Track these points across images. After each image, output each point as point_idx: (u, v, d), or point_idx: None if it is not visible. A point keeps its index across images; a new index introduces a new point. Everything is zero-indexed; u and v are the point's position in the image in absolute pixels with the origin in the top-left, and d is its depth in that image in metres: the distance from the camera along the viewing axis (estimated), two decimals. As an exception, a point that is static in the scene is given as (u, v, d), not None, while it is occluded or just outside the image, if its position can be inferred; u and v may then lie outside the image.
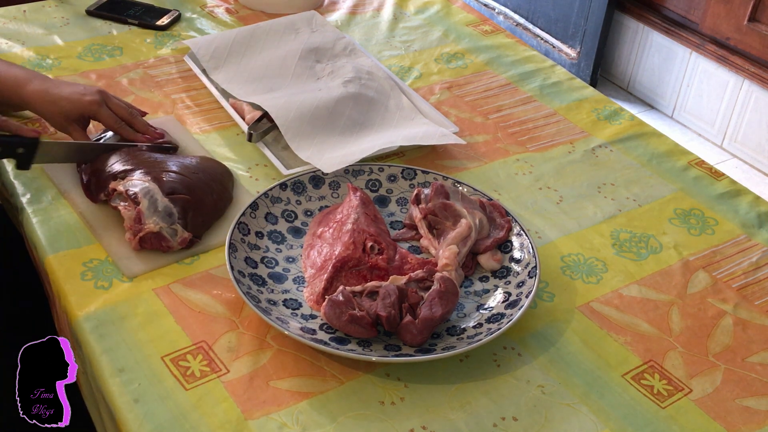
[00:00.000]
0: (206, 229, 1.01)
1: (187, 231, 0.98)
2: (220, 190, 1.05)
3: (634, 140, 1.28)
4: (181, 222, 0.97)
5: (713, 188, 1.19)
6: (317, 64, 1.34)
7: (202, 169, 1.06)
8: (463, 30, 1.56)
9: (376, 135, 1.19)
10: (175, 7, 1.53)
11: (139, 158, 1.04)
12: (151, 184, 0.98)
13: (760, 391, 0.88)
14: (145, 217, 0.95)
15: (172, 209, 0.97)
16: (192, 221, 0.98)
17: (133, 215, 0.96)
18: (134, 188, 0.97)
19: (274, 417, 0.80)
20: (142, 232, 0.95)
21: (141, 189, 0.97)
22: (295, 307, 0.92)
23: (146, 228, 0.95)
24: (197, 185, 1.02)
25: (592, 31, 2.79)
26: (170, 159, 1.06)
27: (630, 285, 1.00)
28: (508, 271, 0.97)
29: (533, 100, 1.36)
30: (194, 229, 0.99)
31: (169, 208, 0.97)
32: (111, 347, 0.86)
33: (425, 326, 0.86)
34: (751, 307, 0.99)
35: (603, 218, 1.11)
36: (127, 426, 0.79)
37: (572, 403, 0.85)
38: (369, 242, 0.96)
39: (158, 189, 0.98)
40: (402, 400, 0.83)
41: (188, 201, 0.99)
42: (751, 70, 2.46)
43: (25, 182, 1.07)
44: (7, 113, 1.13)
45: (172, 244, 0.97)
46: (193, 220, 0.99)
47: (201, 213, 1.00)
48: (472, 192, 1.06)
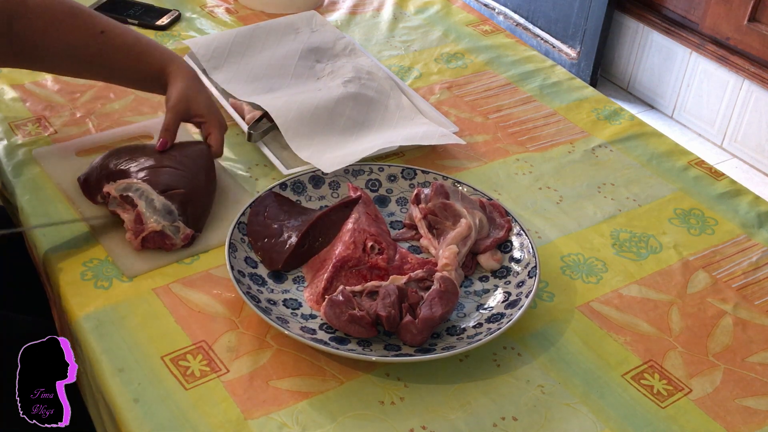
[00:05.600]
0: (206, 219, 1.02)
1: (189, 227, 0.98)
2: (208, 170, 1.05)
3: (634, 140, 1.28)
4: (182, 218, 0.97)
5: (713, 188, 1.19)
6: (317, 64, 1.34)
7: (185, 155, 1.05)
8: (463, 30, 1.56)
9: (376, 135, 1.19)
10: (175, 7, 1.53)
11: (125, 157, 1.04)
12: (143, 185, 0.98)
13: (760, 391, 0.88)
14: (146, 217, 0.95)
15: (171, 206, 0.97)
16: (192, 214, 0.99)
17: (133, 217, 0.96)
18: (126, 191, 0.97)
19: (274, 417, 0.80)
20: (144, 232, 0.95)
21: (134, 191, 0.97)
22: (295, 307, 0.92)
23: (149, 227, 0.95)
24: (188, 175, 1.02)
25: (592, 31, 2.79)
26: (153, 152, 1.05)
27: (630, 285, 1.00)
28: (508, 271, 0.97)
29: (533, 100, 1.36)
30: (195, 222, 0.99)
31: (168, 206, 0.97)
32: (111, 347, 0.86)
33: (425, 326, 0.86)
34: (751, 307, 0.99)
35: (603, 218, 1.11)
36: (127, 426, 0.79)
37: (572, 403, 0.85)
38: (369, 242, 0.96)
39: (151, 188, 0.97)
40: (402, 400, 0.83)
41: (185, 195, 0.99)
42: (751, 70, 2.46)
43: (25, 182, 1.07)
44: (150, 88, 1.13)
45: (176, 241, 0.97)
46: (193, 212, 0.99)
47: (199, 204, 1.01)
48: (472, 192, 1.06)
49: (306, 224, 0.98)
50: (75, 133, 1.18)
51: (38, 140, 1.15)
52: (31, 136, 1.16)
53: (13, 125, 1.18)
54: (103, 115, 1.21)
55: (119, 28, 1.08)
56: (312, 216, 1.00)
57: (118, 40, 1.07)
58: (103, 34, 1.06)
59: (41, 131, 1.17)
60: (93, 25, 1.06)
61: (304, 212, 1.03)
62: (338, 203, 1.01)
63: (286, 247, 0.96)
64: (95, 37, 1.06)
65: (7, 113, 1.20)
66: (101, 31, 1.06)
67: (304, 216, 1.01)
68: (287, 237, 0.98)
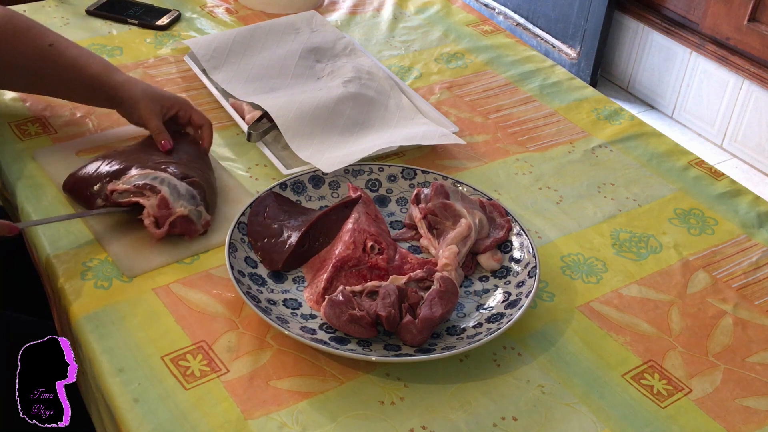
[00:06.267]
0: (215, 208, 1.03)
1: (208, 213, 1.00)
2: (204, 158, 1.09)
3: (634, 140, 1.28)
4: (203, 204, 0.99)
5: (713, 188, 1.19)
6: (317, 64, 1.34)
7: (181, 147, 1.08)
8: (463, 30, 1.56)
9: (376, 135, 1.19)
10: (175, 7, 1.53)
11: (121, 158, 1.04)
12: (162, 173, 0.99)
13: (760, 391, 0.88)
14: (172, 202, 0.96)
15: (194, 192, 0.99)
16: (210, 201, 1.01)
17: (156, 202, 0.96)
18: (143, 180, 0.98)
19: (274, 417, 0.80)
20: (172, 216, 0.96)
21: (152, 179, 0.98)
22: (295, 307, 0.92)
23: (177, 212, 0.96)
24: (195, 164, 1.04)
25: (592, 31, 2.79)
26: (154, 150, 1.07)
27: (630, 285, 1.00)
28: (508, 271, 0.97)
29: (533, 100, 1.36)
30: (209, 210, 1.01)
31: (191, 191, 0.99)
32: (111, 347, 0.86)
33: (425, 326, 0.86)
34: (751, 307, 0.99)
35: (603, 218, 1.11)
36: (127, 426, 0.79)
37: (572, 403, 0.85)
38: (369, 242, 0.96)
39: (171, 176, 0.98)
40: (402, 399, 0.83)
41: (199, 183, 1.01)
42: (751, 70, 2.46)
43: (25, 182, 1.07)
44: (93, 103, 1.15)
45: (198, 227, 0.98)
46: (210, 199, 1.02)
47: (211, 191, 1.03)
48: (472, 192, 1.06)
49: (306, 224, 0.98)
50: (75, 133, 1.18)
51: (38, 140, 1.15)
52: (31, 136, 1.16)
53: (14, 125, 1.18)
54: (103, 115, 1.21)
55: (67, 41, 1.11)
56: (312, 216, 1.00)
57: (65, 52, 1.09)
58: (51, 47, 1.09)
59: (41, 131, 1.17)
60: (43, 38, 1.09)
61: (304, 212, 1.03)
62: (338, 203, 1.01)
63: (286, 247, 0.96)
64: (44, 49, 1.08)
65: (8, 113, 1.20)
66: (50, 44, 1.09)
67: (304, 216, 1.01)
68: (287, 237, 0.98)
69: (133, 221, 0.99)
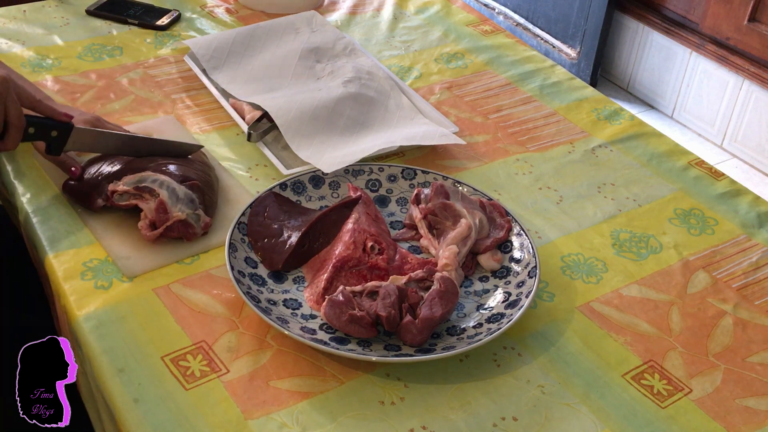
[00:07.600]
0: (215, 209, 1.03)
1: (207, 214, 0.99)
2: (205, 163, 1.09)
3: (634, 140, 1.28)
4: (202, 207, 0.99)
5: (713, 188, 1.19)
6: (317, 64, 1.34)
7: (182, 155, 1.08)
8: (463, 30, 1.56)
9: (376, 135, 1.19)
10: (175, 7, 1.53)
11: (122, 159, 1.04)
12: (161, 176, 0.99)
13: (760, 391, 0.88)
14: (170, 206, 0.96)
15: (192, 195, 0.99)
16: (208, 203, 1.01)
17: (154, 206, 0.96)
18: (142, 182, 0.98)
19: (274, 417, 0.80)
20: (169, 221, 0.95)
21: (151, 182, 0.98)
22: (295, 307, 0.92)
23: (174, 216, 0.95)
24: (194, 168, 1.04)
25: (592, 31, 2.79)
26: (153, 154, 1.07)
27: (630, 285, 1.00)
28: (508, 271, 0.97)
29: (533, 100, 1.36)
30: (208, 212, 1.01)
31: (189, 195, 0.98)
32: (111, 347, 0.86)
33: (425, 326, 0.86)
34: (751, 307, 0.99)
35: (603, 218, 1.11)
36: (127, 426, 0.79)
37: (572, 403, 0.85)
38: (369, 242, 0.96)
39: (170, 179, 0.98)
40: (402, 400, 0.83)
41: (199, 186, 1.01)
42: (751, 70, 2.46)
43: (25, 182, 1.07)
44: None
45: (197, 230, 0.98)
46: (209, 201, 1.01)
47: (211, 192, 1.03)
48: (472, 192, 1.06)
49: (306, 224, 0.98)
50: (75, 133, 1.17)
51: (38, 140, 1.15)
52: (31, 136, 1.16)
53: (13, 125, 1.18)
54: (103, 115, 1.21)
55: None
56: (312, 216, 1.00)
57: None
58: None
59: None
60: None
61: (304, 212, 1.03)
62: (338, 203, 1.01)
63: (286, 247, 0.96)
64: None
65: (7, 113, 1.20)
66: None
67: (304, 216, 1.01)
68: (287, 237, 0.98)
69: (134, 221, 0.99)
